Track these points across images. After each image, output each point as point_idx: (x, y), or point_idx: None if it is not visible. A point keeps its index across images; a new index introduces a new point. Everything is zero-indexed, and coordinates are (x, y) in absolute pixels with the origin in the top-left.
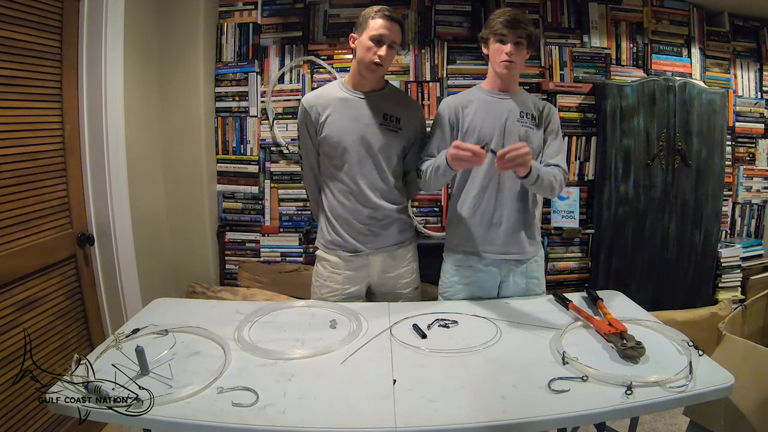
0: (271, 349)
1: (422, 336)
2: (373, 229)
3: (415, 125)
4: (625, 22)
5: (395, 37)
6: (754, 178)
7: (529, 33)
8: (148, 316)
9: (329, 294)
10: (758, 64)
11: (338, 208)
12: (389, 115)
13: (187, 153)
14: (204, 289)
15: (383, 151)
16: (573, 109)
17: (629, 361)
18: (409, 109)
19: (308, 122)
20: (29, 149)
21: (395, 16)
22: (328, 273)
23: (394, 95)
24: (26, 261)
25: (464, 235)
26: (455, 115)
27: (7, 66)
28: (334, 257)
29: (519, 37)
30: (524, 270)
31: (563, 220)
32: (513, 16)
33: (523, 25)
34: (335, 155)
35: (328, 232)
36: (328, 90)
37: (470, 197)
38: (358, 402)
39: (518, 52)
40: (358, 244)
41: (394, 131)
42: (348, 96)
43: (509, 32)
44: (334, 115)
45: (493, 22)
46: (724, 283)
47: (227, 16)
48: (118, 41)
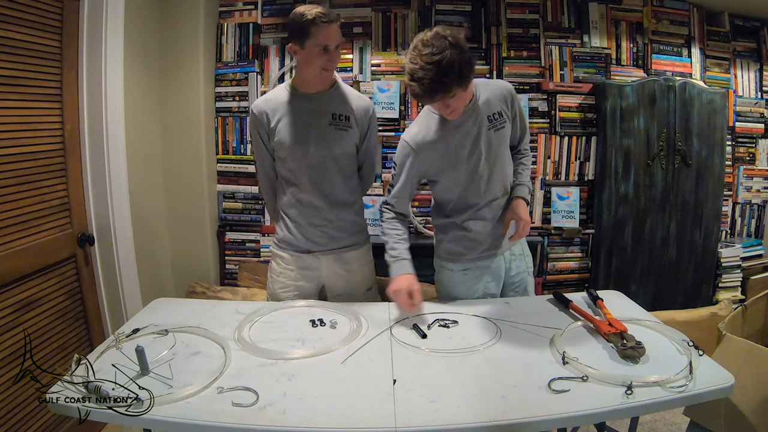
0: (271, 349)
1: (422, 336)
2: (326, 231)
3: (366, 120)
4: (625, 22)
5: (339, 39)
6: (754, 178)
7: (456, 86)
8: (148, 316)
9: (282, 289)
10: (758, 64)
11: (291, 209)
12: (338, 114)
13: (187, 153)
14: (204, 289)
15: (334, 151)
16: (573, 109)
17: (629, 361)
18: (357, 105)
19: (260, 127)
20: (29, 149)
21: (334, 18)
22: (281, 269)
23: (342, 93)
24: (26, 261)
25: (457, 252)
26: (426, 171)
27: (7, 66)
28: (286, 254)
29: (445, 98)
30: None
31: (563, 220)
32: (423, 87)
33: (438, 93)
34: (288, 158)
35: (281, 230)
36: (275, 94)
37: (460, 213)
38: (358, 402)
39: (454, 100)
40: (311, 244)
41: (344, 129)
42: (296, 99)
43: (433, 102)
44: (285, 119)
45: (412, 87)
46: (724, 283)
47: (227, 16)
48: (118, 41)
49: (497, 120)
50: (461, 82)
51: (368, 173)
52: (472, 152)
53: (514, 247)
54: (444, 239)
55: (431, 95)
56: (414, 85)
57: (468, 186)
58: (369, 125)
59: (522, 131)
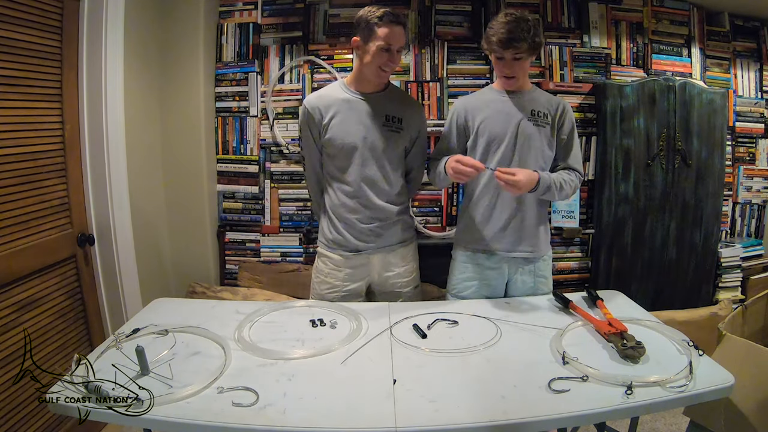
0: (271, 349)
1: (422, 336)
2: (375, 230)
3: (417, 124)
4: (625, 22)
5: (403, 42)
6: (754, 178)
7: (528, 45)
8: (148, 316)
9: (329, 290)
10: (758, 64)
11: (341, 208)
12: (391, 116)
13: (187, 153)
14: (204, 289)
15: (386, 152)
16: (573, 109)
17: (629, 361)
18: (410, 109)
19: (311, 124)
20: (29, 149)
21: (400, 19)
22: (329, 269)
23: (395, 96)
24: (26, 261)
25: (475, 233)
26: (465, 116)
27: (7, 66)
28: (336, 255)
29: (517, 53)
30: (532, 269)
31: (563, 220)
32: (506, 35)
33: (517, 43)
34: (339, 156)
35: (329, 231)
36: (329, 91)
37: (483, 195)
38: (358, 402)
39: (518, 64)
40: (360, 244)
41: (397, 132)
42: (350, 97)
43: (505, 52)
44: (338, 117)
45: (490, 37)
46: (724, 283)
47: (227, 16)
48: (118, 41)
49: (538, 116)
50: (531, 45)
51: (416, 177)
52: (505, 128)
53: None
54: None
55: (506, 43)
56: (492, 35)
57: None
58: (420, 130)
59: (567, 149)
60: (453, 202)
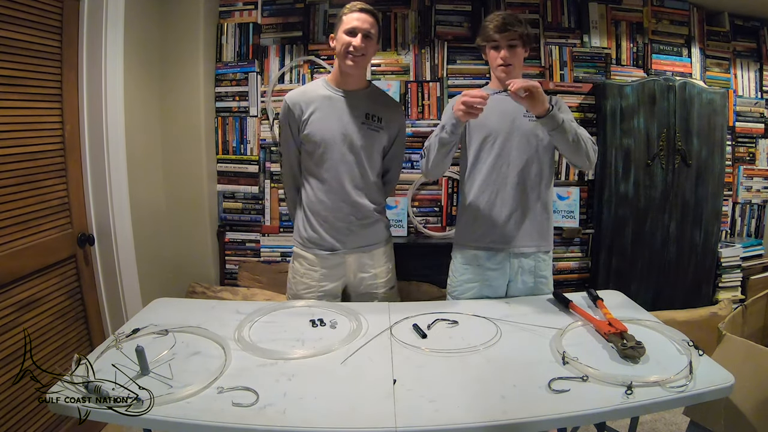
0: (271, 349)
1: (422, 336)
2: (352, 228)
3: (396, 125)
4: (625, 22)
5: (370, 27)
6: (754, 178)
7: (521, 33)
8: (148, 316)
9: (305, 290)
10: (758, 64)
11: (317, 205)
12: (371, 114)
13: (187, 153)
14: (204, 289)
15: (365, 150)
16: (573, 109)
17: (629, 361)
18: (390, 110)
19: (291, 119)
20: (29, 149)
21: (367, 8)
22: (305, 270)
23: (376, 95)
24: (26, 261)
25: (476, 230)
26: None
27: (7, 66)
28: (311, 254)
29: (512, 39)
30: (533, 269)
31: (563, 220)
32: (502, 21)
33: (513, 28)
34: (317, 152)
35: (305, 229)
36: (312, 87)
37: (483, 191)
38: (358, 402)
39: (513, 54)
40: (336, 243)
41: (376, 130)
42: (332, 94)
43: (501, 37)
44: (318, 113)
45: (485, 29)
46: (724, 283)
47: (227, 16)
48: (118, 41)
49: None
50: (524, 36)
51: (392, 178)
52: (500, 124)
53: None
54: None
55: (501, 28)
56: (488, 23)
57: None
58: (398, 131)
59: None
60: (453, 202)
